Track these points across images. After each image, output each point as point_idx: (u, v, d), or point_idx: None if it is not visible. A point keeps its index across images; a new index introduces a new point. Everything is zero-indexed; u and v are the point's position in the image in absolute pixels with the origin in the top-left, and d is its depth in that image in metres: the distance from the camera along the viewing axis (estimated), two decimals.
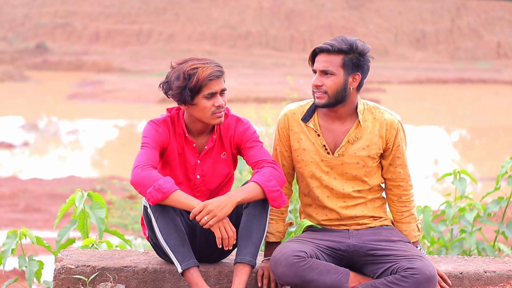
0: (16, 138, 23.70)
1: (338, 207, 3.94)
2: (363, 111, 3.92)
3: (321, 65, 3.84)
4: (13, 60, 50.00)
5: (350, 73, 3.83)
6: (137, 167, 3.76)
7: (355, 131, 3.90)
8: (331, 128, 3.93)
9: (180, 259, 3.75)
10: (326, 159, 3.92)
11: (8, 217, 14.12)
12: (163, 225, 3.77)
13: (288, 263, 3.69)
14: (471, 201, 5.32)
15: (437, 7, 61.59)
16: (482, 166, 21.04)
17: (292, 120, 3.97)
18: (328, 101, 3.84)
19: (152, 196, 3.69)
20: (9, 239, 4.41)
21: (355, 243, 3.87)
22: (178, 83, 3.80)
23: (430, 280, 3.67)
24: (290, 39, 56.79)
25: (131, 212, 11.18)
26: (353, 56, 3.83)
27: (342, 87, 3.83)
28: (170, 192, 3.70)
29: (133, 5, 61.36)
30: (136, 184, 3.74)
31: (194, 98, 3.81)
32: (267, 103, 10.46)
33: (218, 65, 3.85)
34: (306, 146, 3.94)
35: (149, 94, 33.43)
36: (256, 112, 9.69)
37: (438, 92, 39.72)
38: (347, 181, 3.94)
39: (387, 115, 3.93)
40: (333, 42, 3.83)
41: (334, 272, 3.75)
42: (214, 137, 3.96)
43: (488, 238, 5.92)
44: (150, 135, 3.88)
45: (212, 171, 3.98)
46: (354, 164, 3.91)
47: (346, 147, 3.90)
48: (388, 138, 3.92)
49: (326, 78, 3.84)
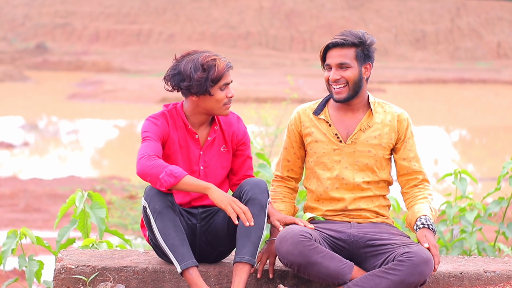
0: (16, 138, 23.70)
1: (346, 197, 4.00)
2: (374, 103, 4.06)
3: (337, 60, 3.97)
4: (13, 60, 50.01)
5: (362, 64, 3.99)
6: (142, 157, 3.77)
7: (367, 119, 4.02)
8: (342, 118, 4.04)
9: (179, 259, 3.76)
10: (338, 147, 4.01)
11: (8, 217, 14.12)
12: (162, 226, 3.77)
13: (294, 241, 3.72)
14: (472, 201, 5.32)
15: (437, 7, 61.60)
16: (482, 166, 21.05)
17: (303, 116, 4.09)
18: (348, 93, 3.98)
19: (165, 181, 3.72)
20: (9, 239, 4.41)
21: (356, 233, 3.92)
22: (199, 75, 3.84)
23: (426, 262, 3.70)
24: (290, 39, 56.79)
25: (131, 212, 11.18)
26: (363, 47, 3.98)
27: (359, 78, 3.98)
28: (182, 176, 3.73)
29: (133, 5, 61.37)
30: (144, 174, 3.75)
31: (212, 88, 3.88)
32: (267, 103, 10.44)
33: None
34: (318, 138, 4.04)
35: (149, 94, 33.44)
36: (256, 112, 9.68)
37: (438, 92, 39.73)
38: (358, 172, 4.01)
39: (397, 108, 4.08)
40: (344, 37, 3.97)
41: (338, 261, 3.78)
42: (216, 128, 4.00)
43: (488, 238, 5.92)
44: (150, 129, 3.90)
45: (214, 163, 4.00)
46: (365, 152, 4.00)
47: (358, 135, 4.01)
48: (399, 129, 4.04)
49: (343, 71, 3.97)
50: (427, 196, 4.00)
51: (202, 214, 3.99)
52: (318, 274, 3.76)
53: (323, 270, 3.74)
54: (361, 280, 3.76)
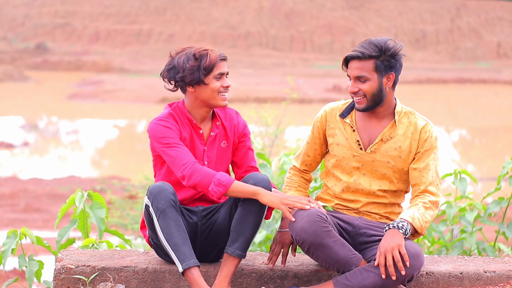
0: (16, 138, 23.71)
1: (360, 200, 4.01)
2: (400, 113, 4.00)
3: (355, 72, 3.92)
4: (13, 60, 50.00)
5: (383, 75, 3.92)
6: (186, 168, 3.82)
7: (389, 130, 3.98)
8: (367, 125, 4.01)
9: (181, 259, 3.77)
10: (358, 155, 3.99)
11: (8, 217, 14.13)
12: (165, 224, 3.78)
13: (311, 220, 3.73)
14: (472, 201, 5.32)
15: (437, 7, 61.60)
16: (482, 166, 21.05)
17: (330, 116, 4.07)
18: (367, 104, 3.94)
19: (215, 192, 3.79)
20: (9, 239, 4.41)
21: (361, 225, 3.93)
22: (191, 64, 3.90)
23: (414, 257, 3.71)
24: (290, 39, 56.79)
25: (131, 212, 11.18)
26: (383, 58, 3.90)
27: (378, 89, 3.92)
28: (230, 183, 3.79)
29: (133, 5, 61.37)
30: (195, 184, 3.81)
31: (206, 77, 3.91)
32: (267, 103, 10.44)
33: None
34: (340, 141, 4.02)
35: (149, 94, 33.45)
36: (256, 112, 9.69)
37: (438, 92, 39.73)
38: (376, 179, 3.99)
39: (421, 121, 4.00)
40: (362, 49, 3.90)
41: (348, 250, 3.80)
42: (218, 123, 4.03)
43: (488, 238, 5.92)
44: (168, 134, 3.91)
45: (216, 159, 4.02)
46: (384, 163, 3.97)
47: (379, 145, 3.98)
48: (419, 141, 3.97)
49: (361, 83, 3.92)
50: (419, 203, 3.88)
51: (203, 212, 4.00)
52: (327, 258, 3.77)
53: (332, 255, 3.76)
54: (350, 274, 3.77)
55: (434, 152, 3.96)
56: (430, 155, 3.95)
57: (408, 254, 3.71)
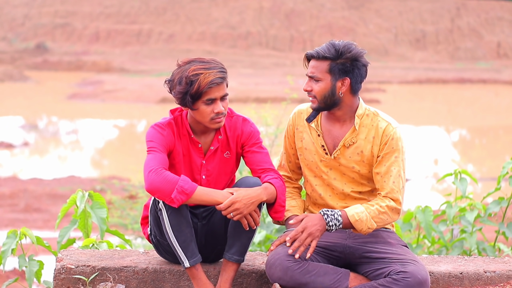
0: (16, 138, 23.70)
1: (339, 206, 3.93)
2: (362, 116, 3.89)
3: (309, 71, 3.87)
4: (13, 60, 49.99)
5: (338, 78, 3.82)
6: (150, 172, 3.71)
7: (351, 135, 3.89)
8: (331, 129, 3.93)
9: (189, 255, 3.78)
10: (325, 160, 3.93)
11: (8, 217, 14.13)
12: (176, 222, 3.77)
13: (283, 267, 3.71)
14: (472, 201, 5.32)
15: (437, 7, 61.59)
16: (482, 166, 21.04)
17: (298, 119, 4.02)
18: (318, 105, 3.88)
19: (177, 199, 3.69)
20: (9, 239, 4.41)
21: (351, 245, 3.88)
22: (180, 88, 3.79)
23: (422, 284, 3.66)
24: (290, 39, 56.78)
25: (131, 212, 11.18)
26: (340, 61, 3.81)
27: (330, 92, 3.83)
28: (193, 191, 3.70)
29: (133, 5, 61.36)
30: (155, 190, 3.70)
31: (194, 103, 3.81)
32: (267, 103, 10.45)
33: (222, 70, 3.82)
34: (307, 146, 3.97)
35: (149, 94, 33.44)
36: (256, 112, 9.69)
37: (438, 92, 39.72)
38: (347, 183, 3.94)
39: (383, 123, 3.87)
40: (320, 49, 3.83)
41: (332, 273, 3.75)
42: (220, 137, 3.95)
43: (488, 238, 5.92)
44: (156, 139, 3.85)
45: (217, 171, 3.97)
46: (350, 168, 3.91)
47: (342, 151, 3.91)
48: (381, 144, 3.86)
49: (314, 83, 3.86)
50: (375, 205, 3.78)
51: (204, 213, 3.99)
52: None
53: (319, 286, 3.72)
54: None
55: (396, 156, 3.83)
56: (391, 158, 3.83)
57: (416, 282, 3.66)
